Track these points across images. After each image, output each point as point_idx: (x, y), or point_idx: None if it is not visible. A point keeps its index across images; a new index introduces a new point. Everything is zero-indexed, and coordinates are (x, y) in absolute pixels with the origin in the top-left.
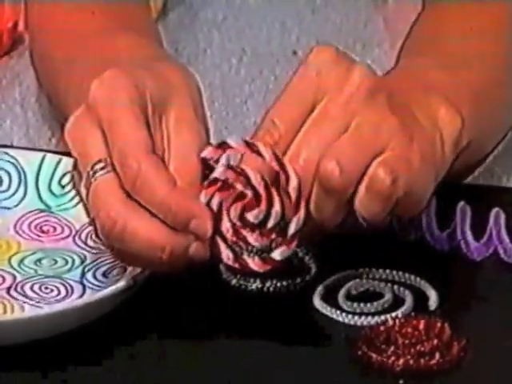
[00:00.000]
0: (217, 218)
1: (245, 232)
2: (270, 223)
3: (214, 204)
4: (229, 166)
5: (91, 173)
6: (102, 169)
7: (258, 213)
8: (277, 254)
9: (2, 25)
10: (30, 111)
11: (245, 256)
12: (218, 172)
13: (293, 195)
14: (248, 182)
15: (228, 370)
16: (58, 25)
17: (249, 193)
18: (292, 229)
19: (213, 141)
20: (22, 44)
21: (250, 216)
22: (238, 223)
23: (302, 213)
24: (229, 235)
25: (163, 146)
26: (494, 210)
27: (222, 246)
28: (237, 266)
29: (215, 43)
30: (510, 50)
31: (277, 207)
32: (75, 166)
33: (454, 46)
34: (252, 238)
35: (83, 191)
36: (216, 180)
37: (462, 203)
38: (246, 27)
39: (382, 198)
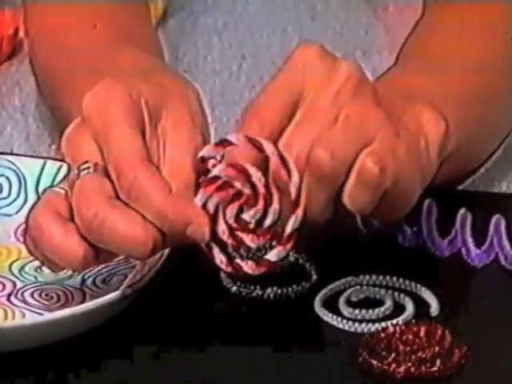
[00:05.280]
0: (213, 221)
1: (240, 233)
2: (268, 222)
3: (211, 205)
4: (229, 164)
5: (76, 172)
6: (87, 169)
7: (255, 212)
8: (273, 255)
9: (2, 31)
10: (30, 118)
11: (238, 260)
12: (218, 169)
13: (293, 192)
14: (248, 179)
15: (228, 376)
16: (59, 37)
17: (246, 190)
18: (289, 227)
19: None
20: (22, 51)
21: (247, 216)
22: (234, 224)
23: (300, 211)
24: (225, 237)
25: (159, 152)
26: (495, 217)
27: (216, 250)
28: (230, 269)
29: (215, 50)
30: (505, 55)
31: (275, 205)
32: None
33: (445, 50)
34: (248, 239)
35: (69, 192)
36: (216, 178)
37: (462, 210)
38: (246, 34)
39: (370, 187)
